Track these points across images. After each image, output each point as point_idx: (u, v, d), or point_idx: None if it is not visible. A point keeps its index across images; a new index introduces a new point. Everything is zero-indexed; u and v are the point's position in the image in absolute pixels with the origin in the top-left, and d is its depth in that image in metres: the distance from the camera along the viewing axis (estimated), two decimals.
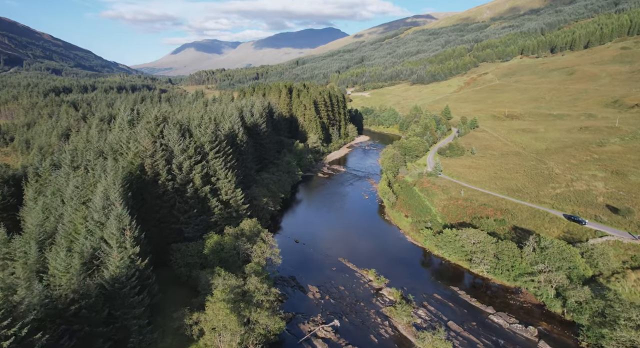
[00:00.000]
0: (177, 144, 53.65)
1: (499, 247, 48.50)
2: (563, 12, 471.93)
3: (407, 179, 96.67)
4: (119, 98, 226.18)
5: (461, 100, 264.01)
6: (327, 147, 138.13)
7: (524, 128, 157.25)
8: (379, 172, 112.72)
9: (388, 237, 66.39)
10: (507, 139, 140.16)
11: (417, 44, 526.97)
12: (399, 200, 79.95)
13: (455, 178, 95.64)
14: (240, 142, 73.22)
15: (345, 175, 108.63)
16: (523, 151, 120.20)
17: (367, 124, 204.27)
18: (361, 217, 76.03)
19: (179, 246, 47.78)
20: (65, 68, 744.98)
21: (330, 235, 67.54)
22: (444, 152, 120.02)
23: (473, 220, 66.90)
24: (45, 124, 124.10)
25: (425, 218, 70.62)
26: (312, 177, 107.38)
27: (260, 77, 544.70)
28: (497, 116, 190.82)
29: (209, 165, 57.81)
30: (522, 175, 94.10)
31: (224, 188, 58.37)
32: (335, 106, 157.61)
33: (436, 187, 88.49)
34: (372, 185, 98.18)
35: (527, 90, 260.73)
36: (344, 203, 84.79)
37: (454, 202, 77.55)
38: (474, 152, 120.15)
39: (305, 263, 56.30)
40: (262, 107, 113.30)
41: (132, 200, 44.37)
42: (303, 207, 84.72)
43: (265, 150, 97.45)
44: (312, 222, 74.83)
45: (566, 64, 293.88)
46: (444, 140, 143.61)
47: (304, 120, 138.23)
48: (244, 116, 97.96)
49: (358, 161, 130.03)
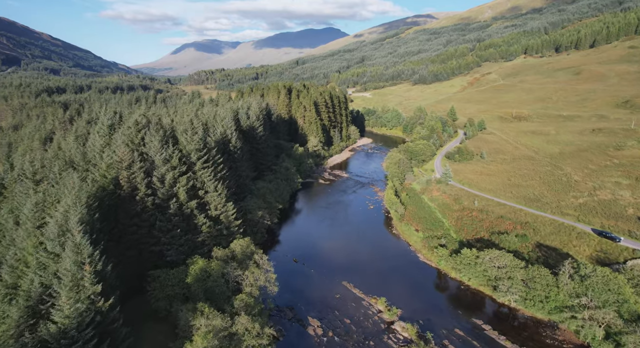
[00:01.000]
0: (159, 153, 46.87)
1: (529, 273, 41.81)
2: (566, 11, 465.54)
3: (415, 187, 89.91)
4: (113, 98, 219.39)
5: (465, 101, 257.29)
6: (328, 151, 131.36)
7: (534, 130, 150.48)
8: (383, 178, 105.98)
9: (398, 255, 59.62)
10: (517, 142, 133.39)
11: (418, 44, 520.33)
12: (408, 212, 73.18)
13: (466, 185, 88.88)
14: (234, 148, 66.49)
15: (347, 182, 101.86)
16: (536, 155, 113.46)
17: (370, 126, 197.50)
18: (367, 231, 69.24)
19: (158, 273, 41.00)
20: (63, 68, 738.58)
21: (333, 252, 60.78)
22: (452, 156, 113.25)
23: (492, 236, 60.17)
24: (30, 127, 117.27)
25: (438, 232, 63.90)
26: (313, 183, 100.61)
27: (259, 77, 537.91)
28: (504, 117, 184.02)
29: (196, 176, 51.06)
30: (538, 182, 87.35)
31: (214, 203, 51.61)
32: (337, 107, 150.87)
33: (447, 196, 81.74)
34: (377, 193, 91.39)
35: (532, 90, 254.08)
36: (348, 214, 78.00)
37: (468, 214, 70.81)
38: (484, 156, 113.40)
39: (305, 289, 49.56)
40: (260, 108, 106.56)
41: (102, 221, 37.65)
42: (303, 218, 77.92)
43: (262, 155, 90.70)
44: (313, 237, 68.05)
45: (572, 64, 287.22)
46: (451, 143, 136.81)
47: (303, 122, 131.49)
48: (239, 119, 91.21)
49: (361, 165, 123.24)
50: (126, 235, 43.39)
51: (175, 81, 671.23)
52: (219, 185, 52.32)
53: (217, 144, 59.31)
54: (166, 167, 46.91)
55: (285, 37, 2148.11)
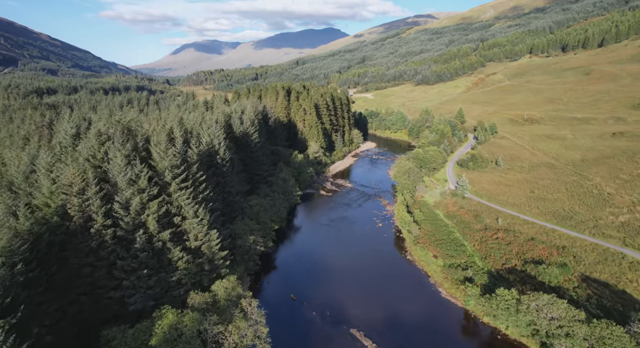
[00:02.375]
0: (122, 172, 37.52)
1: (594, 331, 32.47)
2: (571, 10, 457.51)
3: (428, 200, 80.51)
4: (105, 100, 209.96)
5: (470, 102, 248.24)
6: (330, 157, 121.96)
7: (549, 134, 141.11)
8: (390, 188, 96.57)
9: (415, 290, 50.18)
10: (533, 147, 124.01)
11: (420, 44, 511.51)
12: (423, 232, 63.79)
13: (485, 198, 79.51)
14: (222, 160, 57.13)
15: (352, 193, 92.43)
16: (556, 162, 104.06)
17: (373, 128, 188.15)
18: (376, 256, 59.79)
19: (113, 334, 31.60)
20: (61, 68, 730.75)
21: (337, 285, 51.35)
22: (466, 164, 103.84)
23: (526, 266, 50.77)
24: (4, 132, 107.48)
25: (460, 259, 54.58)
26: (313, 195, 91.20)
27: (259, 77, 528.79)
28: (515, 120, 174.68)
29: (172, 200, 41.69)
30: (566, 195, 77.93)
31: (193, 232, 42.22)
32: (339, 110, 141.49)
33: (465, 211, 72.36)
34: (385, 207, 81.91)
35: (540, 91, 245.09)
36: (353, 234, 68.53)
37: (492, 235, 61.44)
38: (500, 163, 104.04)
39: (305, 343, 40.14)
40: (256, 112, 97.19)
41: (36, 268, 28.33)
42: (302, 239, 68.42)
43: (257, 165, 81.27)
44: (314, 263, 58.62)
45: (581, 63, 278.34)
46: (462, 149, 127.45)
47: (303, 126, 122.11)
48: (232, 124, 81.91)
49: (366, 173, 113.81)
50: (76, 278, 34.03)
51: (174, 82, 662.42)
52: (200, 210, 42.94)
53: (200, 157, 49.90)
54: (132, 190, 37.55)
55: (285, 37, 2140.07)
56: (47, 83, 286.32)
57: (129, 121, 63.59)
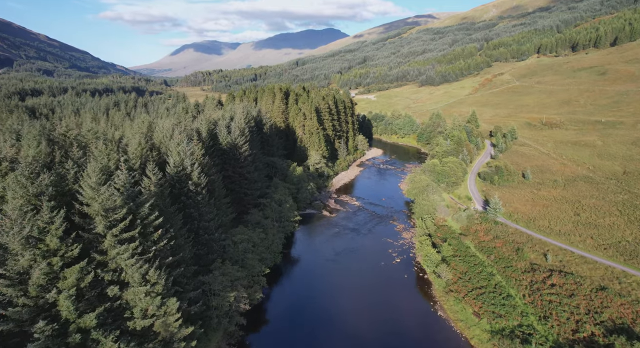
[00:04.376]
0: (15, 226, 23.84)
1: None
2: (577, 8, 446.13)
3: (452, 226, 66.83)
4: (90, 102, 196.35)
5: (480, 104, 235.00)
6: (332, 168, 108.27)
7: (574, 140, 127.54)
8: (404, 206, 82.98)
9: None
10: (560, 156, 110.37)
11: (422, 43, 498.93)
12: (454, 273, 50.12)
13: (521, 223, 65.82)
14: (196, 187, 43.52)
15: (359, 213, 78.71)
16: (594, 175, 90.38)
17: (378, 133, 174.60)
18: (397, 309, 45.96)
19: None
20: (58, 69, 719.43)
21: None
22: (490, 177, 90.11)
23: (612, 339, 37.04)
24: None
25: (512, 320, 40.96)
26: (314, 216, 77.46)
27: (258, 78, 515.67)
28: (532, 124, 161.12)
29: (106, 259, 28.02)
30: (621, 220, 64.16)
31: (140, 305, 28.53)
32: (342, 114, 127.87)
33: (501, 242, 58.66)
34: (400, 233, 68.19)
35: (554, 92, 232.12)
36: (366, 275, 54.68)
37: (544, 279, 47.60)
38: (528, 176, 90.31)
39: None
40: (248, 118, 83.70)
41: None
42: (302, 282, 54.43)
43: (247, 184, 67.62)
44: (317, 319, 44.82)
45: (594, 63, 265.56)
46: (481, 158, 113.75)
47: (303, 133, 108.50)
48: (218, 133, 68.41)
49: (374, 187, 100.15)
50: None
51: (172, 82, 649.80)
52: (151, 270, 29.20)
53: (161, 189, 36.23)
54: (30, 253, 23.85)
55: (285, 37, 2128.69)
56: (34, 84, 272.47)
57: (89, 132, 50.20)
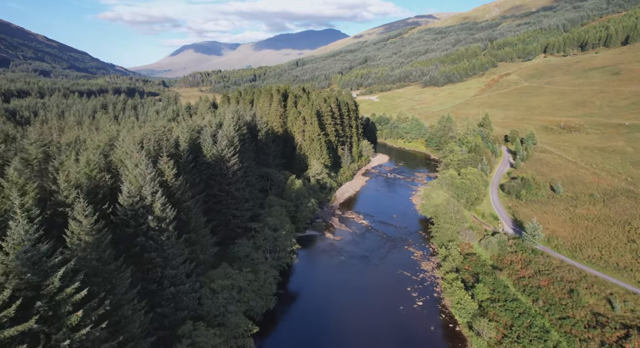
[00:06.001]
0: None
1: None
2: (583, 7, 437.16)
3: (481, 254, 55.72)
4: (77, 104, 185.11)
5: (488, 105, 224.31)
6: (335, 178, 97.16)
7: (600, 146, 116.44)
8: (419, 226, 71.89)
9: None
10: (589, 164, 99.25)
11: (424, 43, 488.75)
12: (496, 327, 39.02)
13: (565, 252, 54.75)
14: (159, 222, 32.49)
15: (368, 236, 67.54)
16: (635, 188, 79.17)
17: (382, 137, 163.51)
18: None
19: None
20: (56, 69, 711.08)
21: None
22: (514, 190, 78.91)
23: None
24: None
25: None
26: (315, 239, 66.30)
27: (257, 78, 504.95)
28: (549, 127, 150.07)
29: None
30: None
31: None
32: (346, 117, 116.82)
33: (546, 280, 47.51)
34: (419, 263, 57.00)
35: (565, 93, 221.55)
36: (379, 322, 43.07)
37: (621, 340, 36.58)
38: (559, 189, 79.16)
39: None
40: (239, 123, 72.75)
41: None
42: (298, 332, 43.19)
43: (235, 204, 56.50)
44: None
45: (606, 62, 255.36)
46: (500, 167, 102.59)
47: (303, 140, 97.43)
48: (202, 143, 57.42)
49: (382, 202, 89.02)
50: None
51: (170, 83, 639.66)
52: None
53: (97, 237, 25.14)
54: None
55: (285, 38, 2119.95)
56: (23, 84, 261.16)
57: (32, 145, 39.27)
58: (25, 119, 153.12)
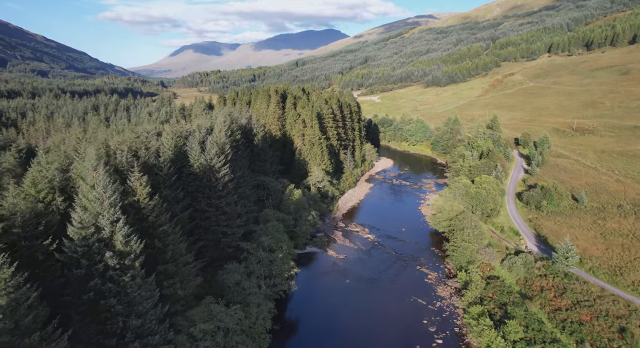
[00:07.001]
0: None
1: None
2: (586, 6, 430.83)
3: (506, 278, 48.77)
4: (67, 105, 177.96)
5: (493, 106, 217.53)
6: (338, 185, 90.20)
7: (619, 150, 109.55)
8: (430, 241, 64.98)
9: None
10: (611, 170, 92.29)
11: (425, 43, 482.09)
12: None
13: (601, 276, 47.87)
14: (122, 259, 25.62)
15: (375, 253, 60.61)
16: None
17: (385, 140, 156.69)
18: None
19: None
20: (54, 70, 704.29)
21: None
22: (534, 200, 71.92)
23: None
24: None
25: None
26: (316, 258, 59.37)
27: (257, 78, 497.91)
28: (561, 130, 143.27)
29: None
30: None
31: None
32: (348, 119, 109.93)
33: (588, 314, 40.62)
34: (434, 287, 50.08)
35: (573, 93, 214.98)
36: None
37: None
38: (583, 199, 72.19)
39: None
40: (232, 128, 65.90)
41: None
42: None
43: (225, 221, 49.55)
44: None
45: (614, 62, 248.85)
46: (513, 173, 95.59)
47: (302, 144, 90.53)
48: (188, 153, 50.50)
49: (389, 212, 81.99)
50: None
51: (169, 84, 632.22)
52: None
53: (15, 300, 18.27)
54: None
55: (285, 38, 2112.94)
56: (15, 85, 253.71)
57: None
58: (12, 121, 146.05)
